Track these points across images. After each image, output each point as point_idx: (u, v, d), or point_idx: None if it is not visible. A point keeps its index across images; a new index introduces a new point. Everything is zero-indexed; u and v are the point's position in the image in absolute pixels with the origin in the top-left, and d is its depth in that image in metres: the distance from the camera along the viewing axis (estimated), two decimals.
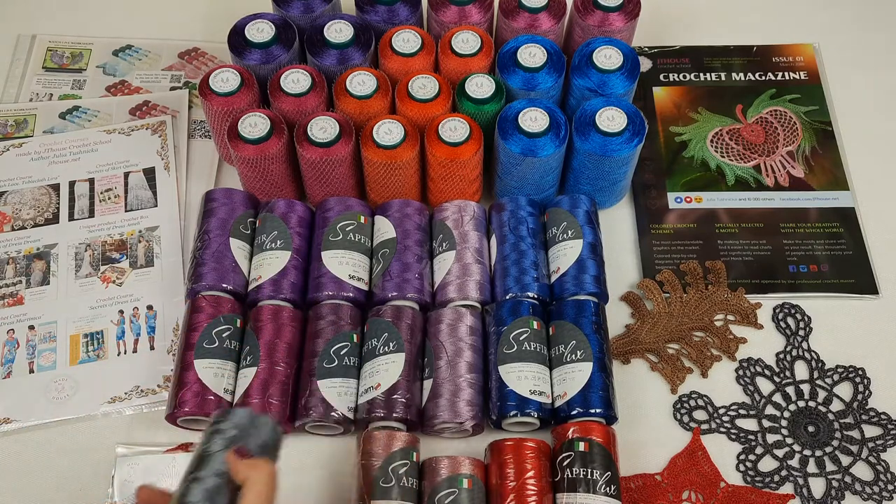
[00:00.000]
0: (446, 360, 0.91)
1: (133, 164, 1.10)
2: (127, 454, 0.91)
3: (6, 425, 0.93)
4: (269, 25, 1.02)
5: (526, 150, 0.96)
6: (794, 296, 1.03)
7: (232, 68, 1.00)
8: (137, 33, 1.23)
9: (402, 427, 0.89)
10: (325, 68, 1.02)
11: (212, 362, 0.90)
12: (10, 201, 1.08)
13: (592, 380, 0.89)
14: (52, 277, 1.02)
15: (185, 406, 0.88)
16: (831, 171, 1.11)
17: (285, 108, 0.99)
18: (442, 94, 1.00)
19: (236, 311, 0.94)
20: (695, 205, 1.09)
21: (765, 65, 1.20)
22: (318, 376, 0.90)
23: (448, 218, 0.99)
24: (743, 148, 1.13)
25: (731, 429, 0.94)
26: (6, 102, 1.16)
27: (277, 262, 0.96)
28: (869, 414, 0.95)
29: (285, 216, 0.98)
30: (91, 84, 1.18)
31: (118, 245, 1.04)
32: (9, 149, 1.12)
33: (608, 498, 0.83)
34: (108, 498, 0.89)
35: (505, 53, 1.02)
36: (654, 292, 1.02)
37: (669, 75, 1.19)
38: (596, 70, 1.01)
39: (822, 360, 0.98)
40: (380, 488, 0.83)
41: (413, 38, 1.03)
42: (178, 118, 1.14)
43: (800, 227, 1.07)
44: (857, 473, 0.92)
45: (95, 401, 0.95)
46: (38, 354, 0.98)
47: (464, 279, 0.95)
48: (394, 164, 0.97)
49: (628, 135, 0.97)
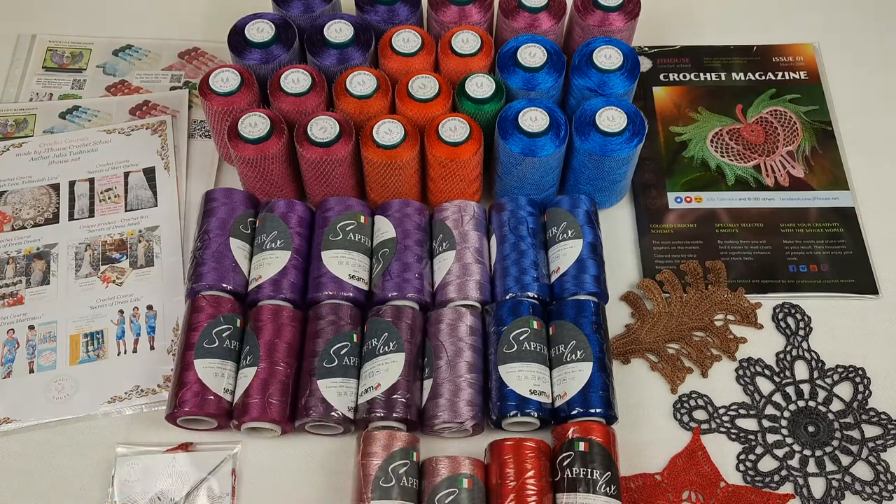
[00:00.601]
0: (446, 359, 0.91)
1: (133, 164, 1.10)
2: (127, 454, 0.91)
3: (6, 425, 0.93)
4: (269, 25, 1.02)
5: (526, 150, 0.96)
6: (794, 296, 1.03)
7: (232, 68, 1.00)
8: (137, 33, 1.23)
9: (402, 427, 0.89)
10: (325, 68, 1.02)
11: (212, 362, 0.90)
12: (10, 201, 1.08)
13: (592, 380, 0.89)
14: (52, 277, 1.02)
15: (185, 406, 0.88)
16: (831, 170, 1.11)
17: (285, 108, 0.99)
18: (442, 94, 1.00)
19: (236, 311, 0.94)
20: (695, 205, 1.09)
21: (765, 65, 1.20)
22: (318, 376, 0.90)
23: (448, 218, 0.99)
24: (743, 148, 1.13)
25: (731, 429, 0.94)
26: (6, 102, 1.16)
27: (277, 261, 0.96)
28: (869, 414, 0.95)
29: (285, 216, 0.98)
30: (91, 84, 1.18)
31: (118, 245, 1.04)
32: (9, 149, 1.12)
33: (608, 498, 0.83)
34: (108, 498, 0.89)
35: (505, 53, 1.02)
36: (654, 292, 1.02)
37: (669, 75, 1.19)
38: (596, 70, 1.01)
39: (822, 359, 0.98)
40: (380, 488, 0.83)
41: (413, 38, 1.03)
42: (178, 118, 1.14)
43: (800, 227, 1.07)
44: (857, 473, 0.92)
45: (95, 401, 0.95)
46: (38, 354, 0.98)
47: (464, 279, 0.95)
48: (394, 163, 0.97)
49: (628, 135, 0.97)
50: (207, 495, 0.89)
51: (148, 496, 0.89)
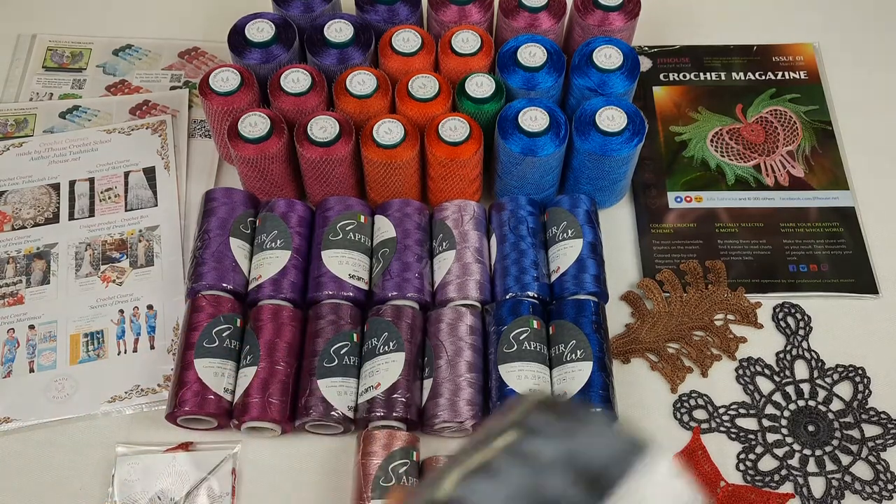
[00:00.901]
0: (446, 359, 0.91)
1: (133, 164, 1.10)
2: (127, 453, 0.91)
3: (6, 424, 0.93)
4: (269, 25, 1.02)
5: (526, 150, 0.96)
6: (794, 295, 1.03)
7: (232, 68, 1.00)
8: (137, 33, 1.23)
9: (402, 426, 0.89)
10: (325, 68, 1.02)
11: (212, 362, 0.90)
12: (10, 201, 1.08)
13: (592, 379, 0.89)
14: (53, 277, 1.02)
15: (185, 405, 0.88)
16: (831, 170, 1.11)
17: (285, 108, 0.99)
18: (442, 94, 1.00)
19: (236, 311, 0.94)
20: (695, 204, 1.09)
21: (765, 64, 1.20)
22: (318, 376, 0.90)
23: (448, 217, 0.99)
24: (743, 147, 1.13)
25: (731, 428, 0.94)
26: (6, 102, 1.16)
27: (277, 261, 0.96)
28: (869, 413, 0.95)
29: (285, 216, 0.98)
30: (91, 84, 1.18)
31: (118, 244, 1.04)
32: (9, 148, 1.12)
33: None
34: (108, 497, 0.89)
35: (505, 53, 1.02)
36: (654, 292, 1.02)
37: (669, 75, 1.19)
38: (596, 70, 1.01)
39: (821, 359, 0.98)
40: (380, 487, 0.83)
41: (413, 38, 1.03)
42: (178, 118, 1.14)
43: (800, 227, 1.07)
44: (857, 473, 0.92)
45: (95, 400, 0.95)
46: (38, 354, 0.98)
47: (464, 279, 0.95)
48: (394, 163, 0.97)
49: (628, 134, 0.97)
50: (207, 495, 0.89)
51: (148, 496, 0.89)
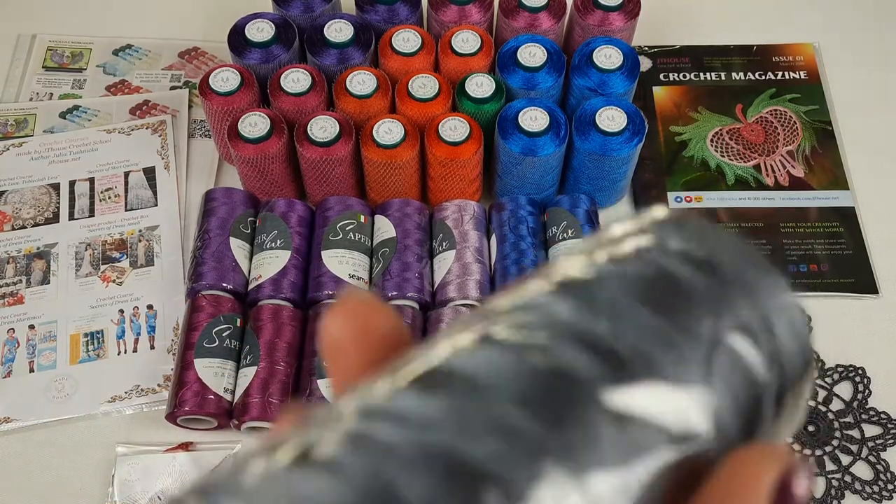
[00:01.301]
0: None
1: (133, 164, 1.10)
2: (127, 453, 0.91)
3: (6, 425, 0.93)
4: (269, 25, 1.02)
5: (526, 150, 0.96)
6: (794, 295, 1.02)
7: (232, 68, 1.00)
8: (137, 33, 1.23)
9: None
10: (325, 68, 1.02)
11: (212, 362, 0.90)
12: (10, 201, 1.08)
13: None
14: (53, 277, 1.02)
15: (185, 405, 0.88)
16: (831, 170, 1.11)
17: (285, 108, 0.99)
18: (442, 94, 1.00)
19: (236, 311, 0.94)
20: (695, 204, 1.09)
21: (765, 64, 1.20)
22: (318, 375, 0.90)
23: (448, 217, 0.99)
24: (743, 147, 1.13)
25: None
26: (6, 102, 1.16)
27: (277, 261, 0.96)
28: (869, 413, 0.95)
29: (285, 215, 0.98)
30: (91, 84, 1.18)
31: (118, 244, 1.04)
32: (9, 148, 1.12)
33: None
34: (108, 497, 0.89)
35: (505, 53, 1.02)
36: None
37: (669, 75, 1.19)
38: (596, 69, 1.01)
39: (821, 359, 0.99)
40: None
41: (413, 38, 1.03)
42: (178, 118, 1.14)
43: (800, 227, 1.07)
44: (857, 473, 0.92)
45: (95, 400, 0.95)
46: (38, 354, 0.98)
47: (464, 278, 0.96)
48: (394, 163, 0.97)
49: (628, 134, 0.97)
50: None
51: (148, 495, 0.89)
